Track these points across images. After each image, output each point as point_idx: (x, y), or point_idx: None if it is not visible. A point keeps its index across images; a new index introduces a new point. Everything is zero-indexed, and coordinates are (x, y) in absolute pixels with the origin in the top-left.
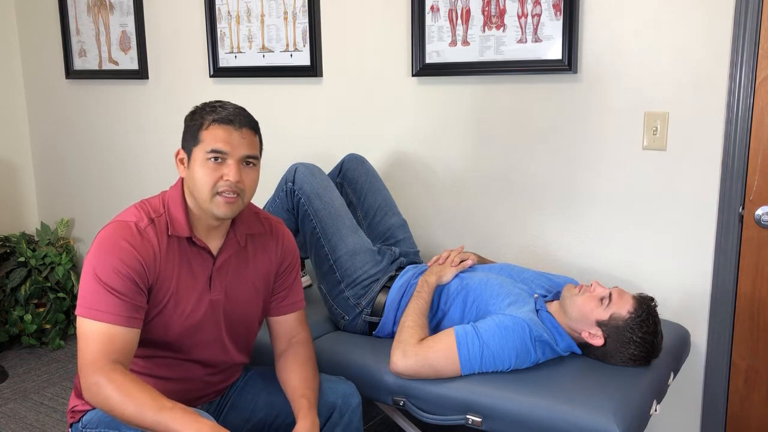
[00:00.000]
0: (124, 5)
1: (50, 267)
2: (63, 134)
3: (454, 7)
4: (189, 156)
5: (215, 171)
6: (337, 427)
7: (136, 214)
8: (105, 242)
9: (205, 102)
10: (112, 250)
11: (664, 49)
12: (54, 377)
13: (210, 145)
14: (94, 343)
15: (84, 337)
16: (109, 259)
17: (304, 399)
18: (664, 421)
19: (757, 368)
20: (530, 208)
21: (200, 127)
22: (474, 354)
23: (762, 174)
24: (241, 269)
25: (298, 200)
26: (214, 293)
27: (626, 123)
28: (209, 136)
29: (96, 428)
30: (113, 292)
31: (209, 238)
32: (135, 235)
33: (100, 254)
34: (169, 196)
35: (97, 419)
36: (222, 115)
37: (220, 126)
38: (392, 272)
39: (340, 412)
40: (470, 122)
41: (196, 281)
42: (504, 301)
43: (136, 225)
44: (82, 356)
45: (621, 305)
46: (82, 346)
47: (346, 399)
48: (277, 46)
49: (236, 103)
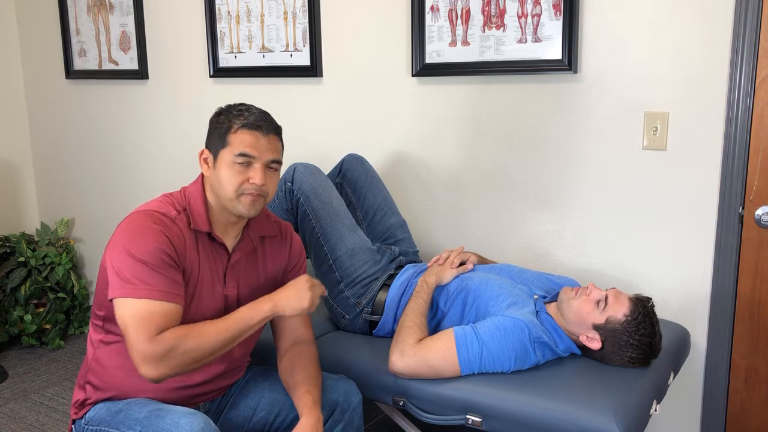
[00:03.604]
0: (124, 5)
1: (50, 267)
2: (63, 134)
3: (454, 7)
4: (215, 156)
5: (241, 174)
6: (339, 424)
7: (163, 205)
8: (137, 226)
9: (231, 104)
10: (146, 232)
11: (664, 49)
12: (54, 377)
13: (238, 149)
14: (146, 321)
15: (134, 318)
16: (144, 240)
17: (309, 395)
18: (664, 421)
19: (757, 368)
20: (530, 207)
21: (228, 130)
22: (473, 355)
23: (762, 174)
24: (251, 268)
25: (297, 200)
26: (228, 288)
27: (626, 123)
28: (237, 140)
29: (98, 426)
30: (156, 269)
31: (225, 236)
32: (166, 223)
33: (134, 236)
34: (189, 192)
35: (100, 418)
36: (250, 120)
37: (248, 131)
38: (392, 271)
39: (341, 410)
40: (470, 122)
41: (214, 275)
42: (504, 302)
43: (166, 214)
44: (138, 336)
45: (617, 308)
46: (134, 325)
47: (348, 397)
48: (277, 46)
49: (261, 108)
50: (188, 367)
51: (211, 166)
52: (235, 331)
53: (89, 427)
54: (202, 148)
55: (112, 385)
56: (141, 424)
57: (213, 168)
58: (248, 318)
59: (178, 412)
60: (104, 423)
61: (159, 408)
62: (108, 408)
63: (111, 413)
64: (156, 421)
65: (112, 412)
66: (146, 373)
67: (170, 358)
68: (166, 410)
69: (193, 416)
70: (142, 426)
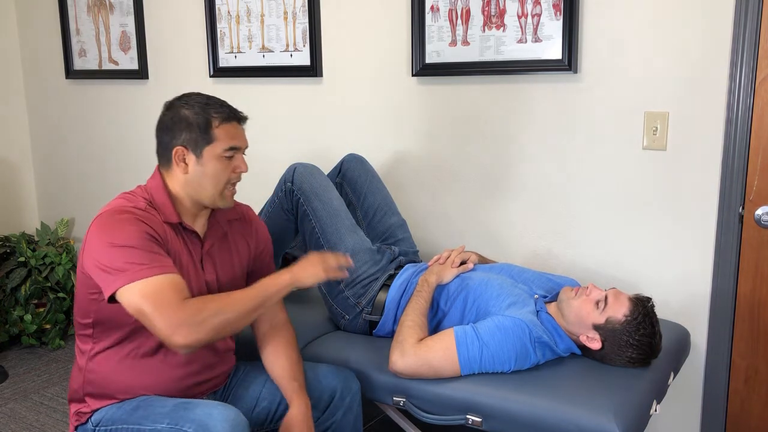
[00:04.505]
0: (124, 5)
1: (50, 267)
2: (63, 134)
3: (454, 7)
4: (198, 153)
5: (228, 166)
6: (339, 410)
7: (128, 202)
8: (110, 221)
9: (187, 98)
10: (123, 222)
11: (664, 49)
12: (54, 377)
13: (227, 143)
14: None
15: (147, 297)
16: (123, 229)
17: (295, 382)
18: (664, 421)
19: (757, 368)
20: (530, 207)
21: (208, 125)
22: (473, 355)
23: (762, 174)
24: (224, 253)
25: (297, 200)
26: (207, 274)
27: (626, 123)
28: (224, 134)
29: (113, 425)
30: (145, 249)
31: (195, 225)
32: (139, 214)
33: (111, 230)
34: (150, 188)
35: (115, 417)
36: (227, 113)
37: (230, 123)
38: (391, 271)
39: (341, 395)
40: (470, 122)
41: (192, 262)
42: (504, 302)
43: (136, 207)
44: (161, 309)
45: (617, 308)
46: (151, 302)
47: (347, 383)
48: (277, 46)
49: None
50: (219, 331)
51: (190, 164)
52: (258, 299)
53: (102, 428)
54: (176, 147)
55: (116, 389)
56: (169, 417)
57: (196, 165)
58: (270, 285)
59: (208, 404)
60: (121, 421)
61: (185, 402)
62: (120, 407)
63: (127, 411)
64: (185, 413)
65: (128, 410)
66: (179, 341)
67: (201, 321)
68: (194, 403)
69: (224, 407)
70: (171, 419)
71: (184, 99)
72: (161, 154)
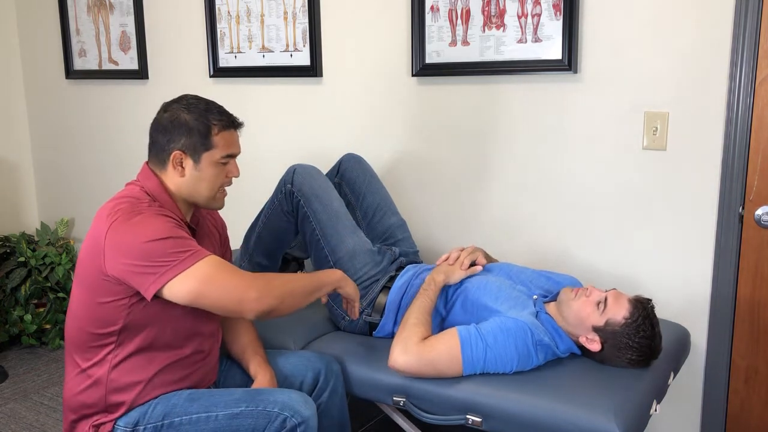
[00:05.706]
0: (124, 5)
1: (50, 267)
2: (63, 134)
3: (454, 7)
4: (197, 159)
5: (223, 171)
6: (325, 392)
7: (135, 200)
8: (131, 221)
9: (186, 101)
10: (146, 219)
11: (664, 49)
12: (54, 377)
13: (226, 151)
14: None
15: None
16: (149, 224)
17: (258, 356)
18: (664, 421)
19: (757, 368)
20: (530, 207)
21: (208, 131)
22: (477, 355)
23: (762, 174)
24: (208, 244)
25: (297, 202)
26: None
27: (626, 123)
28: (223, 141)
29: (163, 420)
30: (181, 237)
31: (189, 220)
32: (155, 207)
33: (136, 229)
34: (150, 189)
35: (165, 411)
36: (225, 120)
37: (227, 130)
38: (392, 272)
39: (325, 377)
40: (470, 122)
41: None
42: (503, 305)
43: (147, 205)
44: (227, 279)
45: (617, 310)
46: (214, 280)
47: (329, 365)
48: (277, 46)
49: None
50: (283, 301)
51: (187, 168)
52: (312, 284)
53: (148, 426)
54: (175, 151)
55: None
56: (245, 401)
57: (193, 170)
58: (324, 275)
59: (276, 390)
60: (174, 414)
61: (249, 390)
62: (169, 400)
63: (184, 399)
64: (260, 396)
65: (185, 399)
66: (255, 307)
67: (269, 285)
68: (261, 390)
69: (294, 392)
70: (248, 402)
71: (183, 102)
72: (155, 155)
